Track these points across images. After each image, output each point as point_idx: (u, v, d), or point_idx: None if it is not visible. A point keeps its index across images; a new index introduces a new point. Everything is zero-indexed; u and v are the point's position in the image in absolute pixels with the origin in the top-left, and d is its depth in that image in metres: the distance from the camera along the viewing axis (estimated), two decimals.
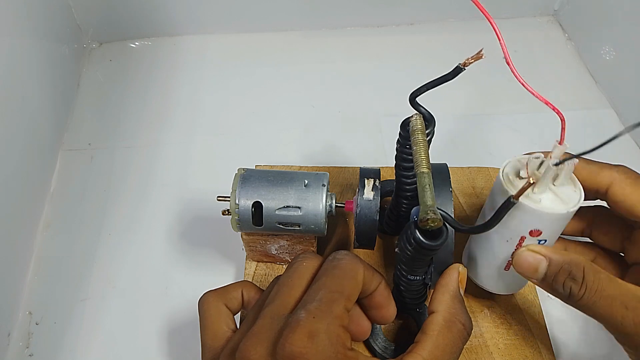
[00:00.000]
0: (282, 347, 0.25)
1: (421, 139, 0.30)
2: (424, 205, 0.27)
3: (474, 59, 0.27)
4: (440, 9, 0.65)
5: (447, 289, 0.31)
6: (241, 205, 0.36)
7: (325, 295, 0.27)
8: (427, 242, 0.28)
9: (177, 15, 0.62)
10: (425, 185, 0.27)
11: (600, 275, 0.29)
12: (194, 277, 0.45)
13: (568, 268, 0.29)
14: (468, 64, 0.28)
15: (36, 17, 0.50)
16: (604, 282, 0.29)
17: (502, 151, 0.53)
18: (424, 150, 0.29)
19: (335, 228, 0.44)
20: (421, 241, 0.28)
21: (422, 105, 0.32)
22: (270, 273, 0.42)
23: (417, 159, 0.29)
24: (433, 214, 0.26)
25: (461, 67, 0.28)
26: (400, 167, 0.35)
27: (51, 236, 0.47)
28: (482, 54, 0.27)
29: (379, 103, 0.58)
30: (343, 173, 0.48)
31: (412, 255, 0.29)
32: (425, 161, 0.29)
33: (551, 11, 0.67)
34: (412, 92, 0.31)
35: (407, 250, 0.29)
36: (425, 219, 0.26)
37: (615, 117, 0.56)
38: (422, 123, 0.31)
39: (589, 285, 0.29)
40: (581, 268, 0.29)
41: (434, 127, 0.32)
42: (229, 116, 0.57)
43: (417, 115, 0.31)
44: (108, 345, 0.41)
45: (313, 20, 0.65)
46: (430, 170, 0.29)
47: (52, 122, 0.53)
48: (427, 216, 0.26)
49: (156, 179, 0.51)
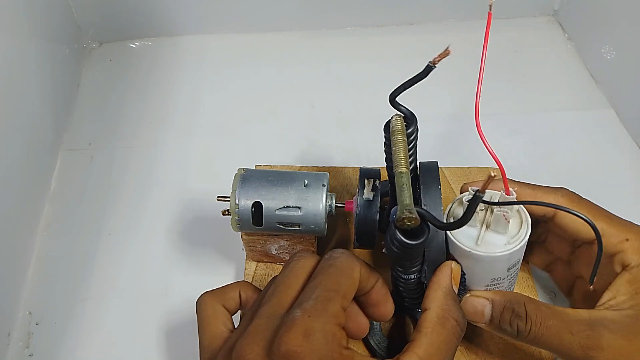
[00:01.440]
0: (278, 346, 0.25)
1: (400, 139, 0.30)
2: (401, 205, 0.27)
3: (442, 57, 0.28)
4: (440, 9, 0.65)
5: (440, 286, 0.31)
6: (241, 205, 0.36)
7: (321, 293, 0.27)
8: (408, 242, 0.28)
9: (177, 15, 0.62)
10: (403, 185, 0.28)
11: (541, 307, 0.31)
12: (194, 277, 0.45)
13: (510, 306, 0.31)
14: (437, 62, 0.29)
15: (36, 17, 0.50)
16: (545, 313, 0.30)
17: (502, 151, 0.52)
18: (403, 150, 0.30)
19: (335, 228, 0.44)
20: (402, 240, 0.28)
21: (402, 105, 0.32)
22: (270, 273, 0.42)
23: (395, 159, 0.29)
24: (409, 212, 0.26)
25: (431, 65, 0.29)
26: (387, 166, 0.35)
27: (51, 236, 0.47)
28: (449, 51, 0.28)
29: (379, 103, 0.57)
30: (343, 173, 0.48)
31: (399, 255, 0.29)
32: (403, 161, 0.29)
33: (551, 11, 0.67)
34: (391, 93, 0.32)
35: (392, 250, 0.29)
36: (401, 218, 0.26)
37: (615, 117, 0.56)
38: (402, 123, 0.31)
39: (532, 319, 0.30)
40: (522, 304, 0.31)
41: (416, 124, 0.32)
42: (229, 116, 0.57)
43: (397, 116, 0.32)
44: (108, 345, 0.41)
45: (313, 20, 0.65)
46: (409, 170, 0.29)
47: (52, 122, 0.53)
48: (403, 215, 0.26)
49: (156, 179, 0.51)
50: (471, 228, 0.32)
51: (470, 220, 0.28)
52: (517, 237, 0.31)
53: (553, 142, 0.54)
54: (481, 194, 0.26)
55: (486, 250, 0.31)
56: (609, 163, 0.53)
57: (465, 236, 0.31)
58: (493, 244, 0.31)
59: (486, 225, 0.32)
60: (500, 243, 0.31)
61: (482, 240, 0.31)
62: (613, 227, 0.33)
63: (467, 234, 0.32)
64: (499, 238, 0.31)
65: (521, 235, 0.31)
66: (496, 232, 0.31)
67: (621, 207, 0.52)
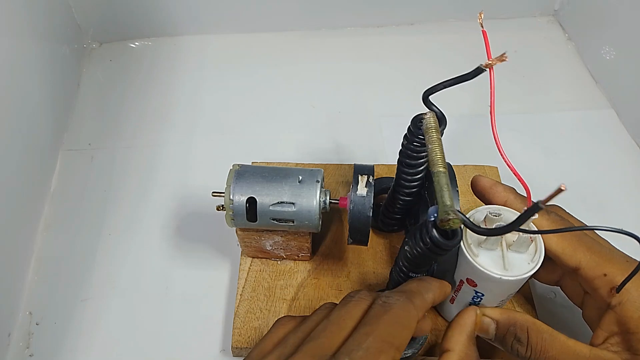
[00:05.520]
0: None
1: (435, 137, 0.29)
2: (443, 205, 0.26)
3: (498, 61, 0.27)
4: (440, 9, 0.65)
5: (464, 330, 0.31)
6: (235, 200, 0.36)
7: (373, 344, 0.25)
8: (444, 242, 0.27)
9: (177, 15, 0.62)
10: (443, 185, 0.27)
11: (544, 335, 0.30)
12: (194, 277, 0.45)
13: (513, 330, 0.31)
14: (490, 65, 0.27)
15: (36, 17, 0.50)
16: (547, 342, 0.30)
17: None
18: (440, 148, 0.29)
19: (330, 225, 0.44)
20: (438, 240, 0.27)
21: (434, 104, 0.31)
22: (265, 269, 0.42)
23: (433, 158, 0.28)
24: (454, 214, 0.26)
25: (482, 67, 0.27)
26: (403, 164, 0.35)
27: (51, 236, 0.47)
28: (505, 57, 0.26)
29: (379, 103, 0.58)
30: (339, 170, 0.48)
31: (421, 254, 0.29)
32: (441, 160, 0.28)
33: (551, 11, 0.67)
34: (426, 90, 0.30)
35: (418, 248, 0.29)
36: (446, 219, 0.26)
37: (615, 117, 0.56)
38: (435, 121, 0.30)
39: (533, 347, 0.30)
40: (525, 329, 0.30)
41: (445, 127, 0.32)
42: (229, 116, 0.57)
43: (431, 113, 0.31)
44: (108, 345, 0.41)
45: (313, 20, 0.65)
46: (447, 169, 0.28)
47: (52, 122, 0.53)
48: (448, 216, 0.26)
49: (156, 178, 0.51)
50: (488, 251, 0.31)
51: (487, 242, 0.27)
52: (537, 254, 0.31)
53: (553, 142, 0.55)
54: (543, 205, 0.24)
55: (516, 274, 0.30)
56: (609, 163, 0.53)
57: (489, 260, 0.30)
58: (518, 266, 0.30)
59: (507, 245, 0.31)
60: (523, 263, 0.30)
61: (508, 264, 0.30)
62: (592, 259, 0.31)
63: (488, 257, 0.31)
64: (520, 258, 0.31)
65: (539, 250, 0.31)
66: (517, 252, 0.31)
67: (621, 207, 0.52)
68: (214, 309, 0.43)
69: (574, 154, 0.54)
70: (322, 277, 0.42)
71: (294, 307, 0.40)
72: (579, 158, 0.53)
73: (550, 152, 0.54)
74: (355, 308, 0.28)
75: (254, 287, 0.41)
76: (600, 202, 0.50)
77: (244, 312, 0.40)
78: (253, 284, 0.41)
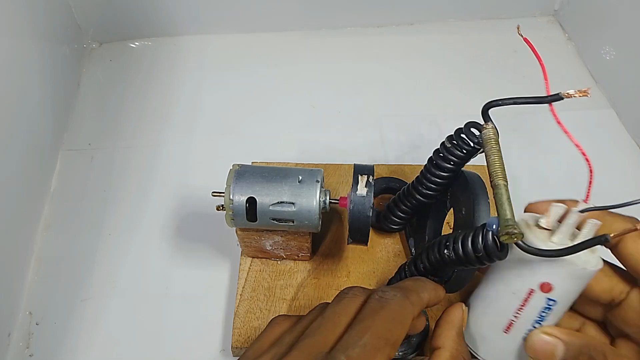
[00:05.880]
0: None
1: (495, 150, 0.29)
2: (503, 220, 0.26)
3: (580, 94, 0.27)
4: (440, 9, 0.65)
5: (453, 326, 0.30)
6: (235, 200, 0.36)
7: (370, 341, 0.25)
8: (497, 252, 0.28)
9: (177, 15, 0.62)
10: (505, 199, 0.27)
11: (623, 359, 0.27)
12: (194, 277, 0.45)
13: (588, 353, 0.27)
14: (569, 96, 0.28)
15: (36, 17, 0.50)
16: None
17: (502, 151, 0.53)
18: (500, 161, 0.29)
19: (330, 225, 0.44)
20: (494, 250, 0.28)
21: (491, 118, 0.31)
22: (265, 269, 0.42)
23: (493, 171, 0.29)
24: (514, 228, 0.26)
25: (562, 96, 0.28)
26: (434, 164, 0.35)
27: (51, 236, 0.47)
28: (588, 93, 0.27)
29: (379, 103, 0.58)
30: (339, 170, 0.48)
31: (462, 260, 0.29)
32: (501, 173, 0.28)
33: (551, 11, 0.67)
34: (488, 102, 0.31)
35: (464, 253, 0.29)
36: (508, 233, 0.26)
37: (615, 117, 0.56)
38: (496, 134, 0.30)
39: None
40: (602, 353, 0.27)
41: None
42: (229, 116, 0.57)
43: (493, 126, 0.31)
44: (108, 345, 0.41)
45: (313, 20, 0.65)
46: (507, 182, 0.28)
47: (52, 122, 0.53)
48: (509, 230, 0.26)
49: (156, 178, 0.51)
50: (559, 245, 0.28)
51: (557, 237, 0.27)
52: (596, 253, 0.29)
53: (553, 142, 0.54)
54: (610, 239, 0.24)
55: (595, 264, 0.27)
56: (609, 163, 0.53)
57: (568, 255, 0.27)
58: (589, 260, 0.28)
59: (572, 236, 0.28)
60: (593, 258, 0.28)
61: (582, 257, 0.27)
62: None
63: None
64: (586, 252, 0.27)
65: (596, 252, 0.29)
66: None
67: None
68: (213, 309, 0.43)
69: (574, 154, 0.53)
70: (322, 277, 0.42)
71: (294, 307, 0.40)
72: (579, 158, 0.53)
73: (550, 152, 0.54)
74: (349, 304, 0.27)
75: (253, 287, 0.41)
76: (600, 202, 0.50)
77: (244, 312, 0.40)
78: (253, 284, 0.41)
